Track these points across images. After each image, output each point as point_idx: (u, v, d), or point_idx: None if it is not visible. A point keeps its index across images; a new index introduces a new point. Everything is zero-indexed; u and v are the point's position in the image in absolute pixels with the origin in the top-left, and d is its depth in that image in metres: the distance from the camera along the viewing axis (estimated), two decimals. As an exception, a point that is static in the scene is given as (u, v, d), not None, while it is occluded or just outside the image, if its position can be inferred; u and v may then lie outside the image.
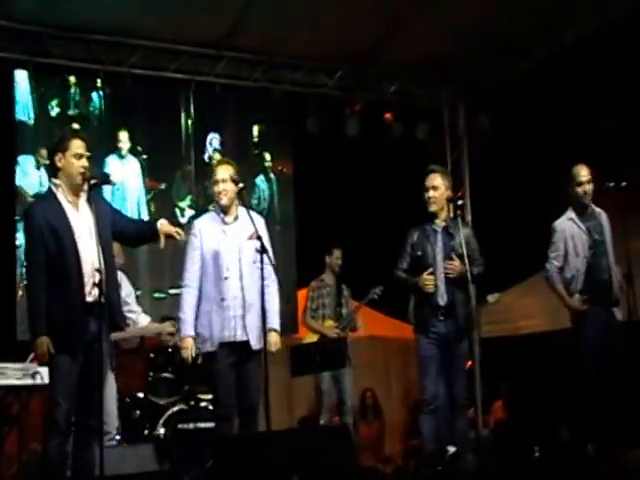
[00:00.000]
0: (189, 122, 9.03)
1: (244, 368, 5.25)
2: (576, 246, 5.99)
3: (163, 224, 4.81)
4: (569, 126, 8.23)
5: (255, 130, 9.47)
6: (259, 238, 5.11)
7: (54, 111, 8.49)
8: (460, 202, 6.64)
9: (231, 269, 5.25)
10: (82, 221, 4.58)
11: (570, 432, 6.70)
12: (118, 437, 6.36)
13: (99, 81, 8.33)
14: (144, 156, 8.79)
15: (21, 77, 8.24)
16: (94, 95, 8.63)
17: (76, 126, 8.31)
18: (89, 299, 4.51)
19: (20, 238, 7.62)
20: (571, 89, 7.96)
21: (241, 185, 5.27)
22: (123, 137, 8.75)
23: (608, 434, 5.68)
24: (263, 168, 9.31)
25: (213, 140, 9.23)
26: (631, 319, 6.05)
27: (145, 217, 8.67)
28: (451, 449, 5.91)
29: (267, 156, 9.50)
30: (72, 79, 8.52)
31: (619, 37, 7.43)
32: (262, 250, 5.09)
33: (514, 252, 8.46)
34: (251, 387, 5.22)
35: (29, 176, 8.22)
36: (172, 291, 8.23)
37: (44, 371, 5.11)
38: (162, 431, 6.62)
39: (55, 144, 4.67)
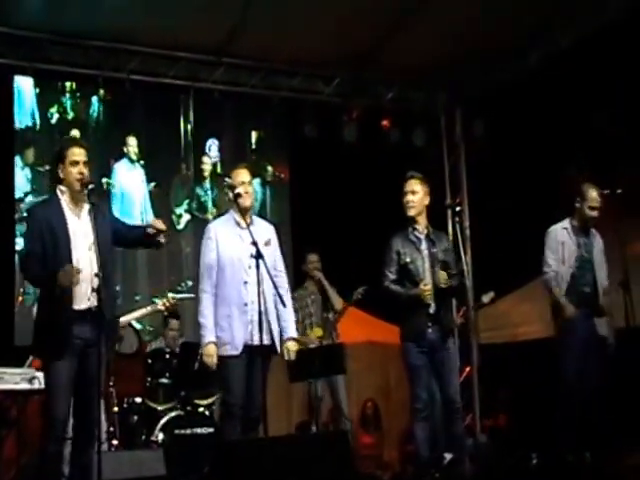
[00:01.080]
0: (188, 127, 9.05)
1: (255, 374, 5.20)
2: (564, 254, 6.12)
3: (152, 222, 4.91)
4: (567, 129, 8.23)
5: (253, 136, 9.50)
6: (254, 244, 5.12)
7: (54, 117, 8.52)
8: (458, 208, 6.72)
9: (250, 274, 5.22)
10: (82, 230, 4.61)
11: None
12: (115, 442, 6.39)
13: (99, 87, 8.36)
14: (141, 161, 8.82)
15: (27, 84, 8.26)
16: (94, 101, 8.67)
17: (76, 132, 8.35)
18: (84, 305, 4.52)
19: (20, 243, 7.63)
20: (568, 92, 7.95)
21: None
22: (132, 142, 8.78)
23: (604, 440, 5.70)
24: (260, 173, 9.33)
25: (212, 146, 9.27)
26: (628, 325, 6.07)
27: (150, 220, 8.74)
28: (447, 456, 5.92)
29: (265, 162, 9.53)
30: (72, 85, 8.55)
31: (617, 39, 7.43)
32: (257, 256, 5.09)
33: (512, 258, 8.45)
34: (257, 397, 5.15)
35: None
36: (170, 295, 8.21)
37: (41, 376, 5.15)
38: (160, 436, 6.63)
39: (56, 155, 4.74)
